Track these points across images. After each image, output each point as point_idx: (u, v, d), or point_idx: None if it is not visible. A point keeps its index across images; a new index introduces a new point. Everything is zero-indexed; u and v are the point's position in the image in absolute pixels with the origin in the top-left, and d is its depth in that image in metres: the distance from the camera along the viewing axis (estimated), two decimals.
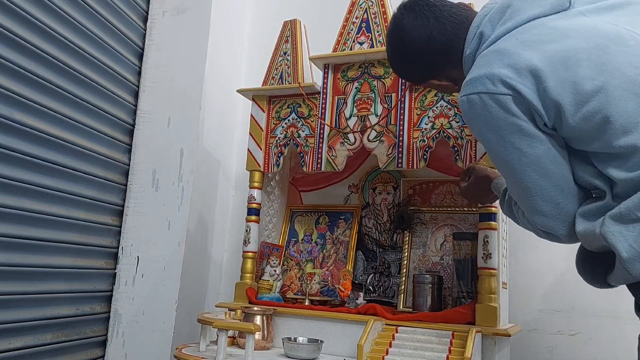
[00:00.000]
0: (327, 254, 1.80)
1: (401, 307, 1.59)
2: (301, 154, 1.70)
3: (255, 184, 1.76)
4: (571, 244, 1.03)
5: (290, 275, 1.78)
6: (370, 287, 1.69)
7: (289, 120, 1.75)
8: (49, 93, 1.57)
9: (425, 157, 1.51)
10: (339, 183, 1.90)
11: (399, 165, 1.54)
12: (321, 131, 1.67)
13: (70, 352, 1.70)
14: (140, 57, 2.03)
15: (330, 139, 1.65)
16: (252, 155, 1.77)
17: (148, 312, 1.83)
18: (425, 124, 1.53)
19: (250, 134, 1.79)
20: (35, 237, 1.54)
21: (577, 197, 0.98)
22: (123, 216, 1.93)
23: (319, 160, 1.65)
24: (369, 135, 1.60)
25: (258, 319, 1.51)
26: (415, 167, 1.53)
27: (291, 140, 1.73)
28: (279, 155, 1.75)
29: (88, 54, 1.73)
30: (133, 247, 1.90)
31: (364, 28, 1.66)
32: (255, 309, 1.54)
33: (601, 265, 0.96)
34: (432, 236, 1.69)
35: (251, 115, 1.81)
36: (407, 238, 1.70)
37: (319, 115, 1.68)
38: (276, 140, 1.76)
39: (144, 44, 2.04)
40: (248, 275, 1.72)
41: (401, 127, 1.55)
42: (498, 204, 1.32)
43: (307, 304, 1.66)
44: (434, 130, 1.52)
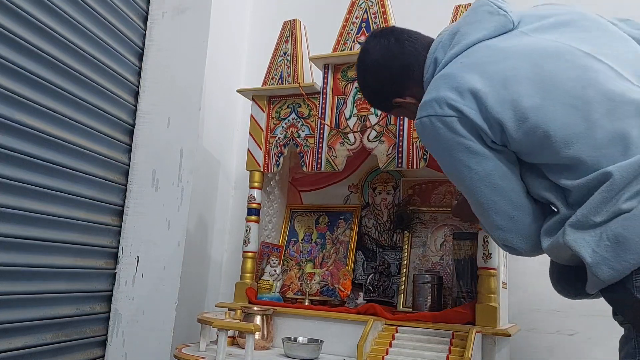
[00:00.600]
0: (327, 254, 1.80)
1: (401, 307, 1.59)
2: (301, 154, 1.70)
3: (255, 184, 1.76)
4: (534, 256, 1.06)
5: (290, 275, 1.78)
6: (370, 287, 1.69)
7: (289, 120, 1.75)
8: (49, 93, 1.57)
9: (425, 157, 1.51)
10: (338, 183, 1.90)
11: (399, 165, 1.54)
12: (321, 131, 1.67)
13: (70, 351, 1.70)
14: (140, 57, 2.03)
15: (330, 139, 1.65)
16: (252, 155, 1.77)
17: (148, 312, 1.83)
18: None
19: (250, 134, 1.79)
20: (35, 237, 1.54)
21: (532, 211, 1.01)
22: (123, 216, 1.93)
23: (319, 160, 1.65)
24: (369, 135, 1.60)
25: (258, 319, 1.51)
26: (415, 167, 1.53)
27: (291, 140, 1.73)
28: (279, 155, 1.75)
29: (88, 54, 1.73)
30: (133, 247, 1.90)
31: (364, 28, 1.66)
32: (255, 308, 1.54)
33: (577, 277, 0.96)
34: (432, 236, 1.69)
35: (251, 115, 1.81)
36: (407, 238, 1.70)
37: (319, 115, 1.68)
38: (276, 140, 1.76)
39: (144, 44, 2.03)
40: (248, 275, 1.72)
41: (401, 127, 1.55)
42: None
43: (307, 303, 1.66)
44: None
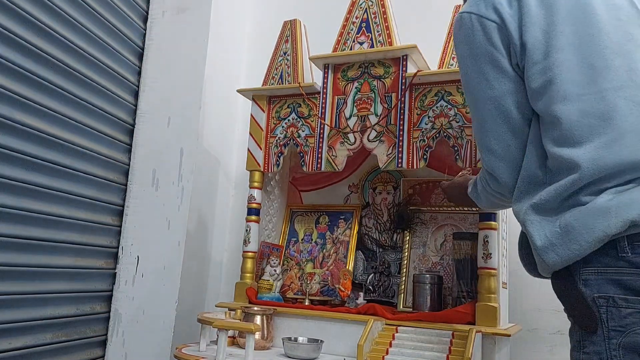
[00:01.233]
0: (327, 254, 1.80)
1: (401, 307, 1.59)
2: (301, 154, 1.70)
3: (255, 184, 1.76)
4: (508, 203, 1.05)
5: (290, 275, 1.78)
6: (370, 287, 1.69)
7: (289, 120, 1.75)
8: (49, 93, 1.57)
9: (425, 157, 1.51)
10: (338, 183, 1.90)
11: (399, 165, 1.54)
12: (321, 131, 1.67)
13: (70, 351, 1.70)
14: (140, 57, 2.02)
15: (330, 139, 1.65)
16: (252, 155, 1.77)
17: (148, 311, 1.83)
18: (425, 124, 1.53)
19: (250, 134, 1.79)
20: (35, 237, 1.54)
21: (525, 147, 0.99)
22: (123, 216, 1.93)
23: (319, 160, 1.65)
24: (369, 135, 1.60)
25: (258, 319, 1.51)
26: (415, 167, 1.53)
27: (291, 140, 1.73)
28: (279, 155, 1.75)
29: (88, 54, 1.73)
30: (133, 246, 1.90)
31: (364, 28, 1.66)
32: (255, 308, 1.54)
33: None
34: (432, 236, 1.69)
35: (251, 115, 1.81)
36: (407, 238, 1.70)
37: (319, 115, 1.68)
38: (276, 140, 1.76)
39: (144, 44, 2.03)
40: (248, 275, 1.72)
41: (401, 127, 1.55)
42: None
43: (307, 303, 1.66)
44: (434, 130, 1.52)
